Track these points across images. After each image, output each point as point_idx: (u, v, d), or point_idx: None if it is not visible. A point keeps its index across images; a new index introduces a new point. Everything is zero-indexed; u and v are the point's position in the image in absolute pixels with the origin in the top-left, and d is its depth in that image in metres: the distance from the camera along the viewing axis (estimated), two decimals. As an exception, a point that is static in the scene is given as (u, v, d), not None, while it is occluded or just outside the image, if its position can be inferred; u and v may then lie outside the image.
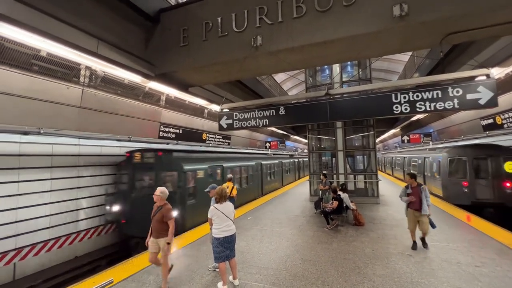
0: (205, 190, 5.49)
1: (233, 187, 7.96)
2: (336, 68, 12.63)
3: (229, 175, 8.25)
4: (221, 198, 4.64)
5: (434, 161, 13.22)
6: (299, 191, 17.01)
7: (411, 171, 5.82)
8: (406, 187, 6.10)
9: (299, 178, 26.61)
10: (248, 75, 5.67)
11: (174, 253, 6.25)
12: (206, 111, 8.00)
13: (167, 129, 6.44)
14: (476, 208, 10.16)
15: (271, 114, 5.04)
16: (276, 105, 4.97)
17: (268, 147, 14.00)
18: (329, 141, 13.73)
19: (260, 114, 5.15)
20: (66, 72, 4.05)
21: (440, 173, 12.07)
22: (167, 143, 7.13)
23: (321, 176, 10.96)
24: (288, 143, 25.30)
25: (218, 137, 9.49)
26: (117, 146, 8.09)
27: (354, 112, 4.55)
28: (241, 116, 5.29)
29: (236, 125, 5.32)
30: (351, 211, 8.60)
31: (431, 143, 14.60)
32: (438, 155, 12.70)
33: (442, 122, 13.72)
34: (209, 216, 4.57)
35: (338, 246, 6.52)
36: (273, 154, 20.64)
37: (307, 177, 14.97)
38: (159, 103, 5.92)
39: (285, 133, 17.21)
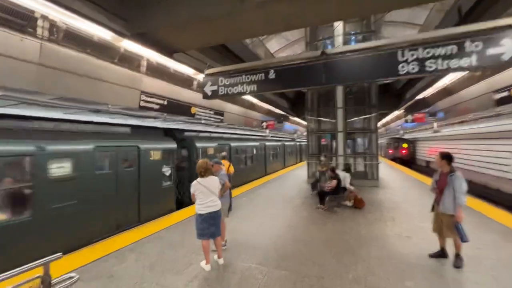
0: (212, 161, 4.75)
1: (229, 165, 7.56)
2: (339, 29, 11.47)
3: (223, 153, 7.82)
4: (205, 171, 4.24)
5: (383, 143, 32.21)
6: (298, 174, 16.74)
7: (445, 151, 4.34)
8: (437, 172, 4.46)
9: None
10: (236, 37, 5.08)
11: (162, 231, 5.96)
12: (195, 82, 7.33)
13: (149, 99, 5.76)
14: (394, 160, 26.64)
15: (259, 78, 4.46)
16: (266, 68, 4.41)
17: (265, 127, 13.17)
18: (329, 123, 13.18)
19: (248, 78, 4.56)
20: (17, 21, 3.48)
21: (383, 148, 31.86)
22: (155, 117, 6.54)
23: (321, 157, 10.60)
24: (288, 126, 24.50)
25: (210, 112, 8.71)
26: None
27: (353, 74, 3.91)
28: (227, 81, 4.72)
29: (222, 91, 4.77)
30: (348, 191, 8.25)
31: (435, 124, 14.06)
32: (384, 141, 32.53)
33: (450, 99, 12.85)
34: (191, 191, 4.20)
35: (333, 227, 6.20)
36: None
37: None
38: (140, 69, 5.34)
39: (283, 113, 16.11)
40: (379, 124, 29.65)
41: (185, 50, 5.07)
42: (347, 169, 9.50)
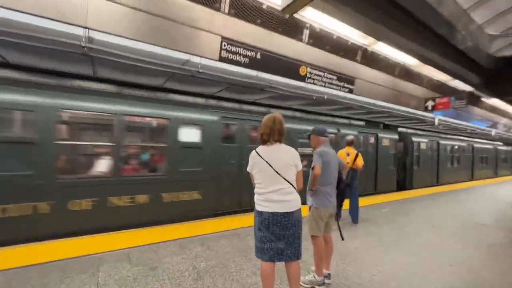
0: (305, 134, 3.25)
1: (357, 155, 4.97)
2: None
3: (350, 137, 5.28)
4: (269, 134, 2.32)
5: None
6: (499, 191, 10.43)
7: None
8: None
9: None
10: None
11: (220, 234, 4.60)
12: (306, 31, 4.79)
13: (234, 49, 4.27)
14: None
15: None
16: None
17: (430, 108, 7.84)
18: None
19: None
20: None
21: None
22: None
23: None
24: (477, 122, 15.94)
25: (328, 75, 5.57)
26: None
27: None
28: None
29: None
30: None
31: None
32: None
33: None
34: (248, 169, 2.41)
35: None
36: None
37: None
38: (217, 5, 3.95)
39: (471, 89, 8.50)
40: None
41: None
42: None
